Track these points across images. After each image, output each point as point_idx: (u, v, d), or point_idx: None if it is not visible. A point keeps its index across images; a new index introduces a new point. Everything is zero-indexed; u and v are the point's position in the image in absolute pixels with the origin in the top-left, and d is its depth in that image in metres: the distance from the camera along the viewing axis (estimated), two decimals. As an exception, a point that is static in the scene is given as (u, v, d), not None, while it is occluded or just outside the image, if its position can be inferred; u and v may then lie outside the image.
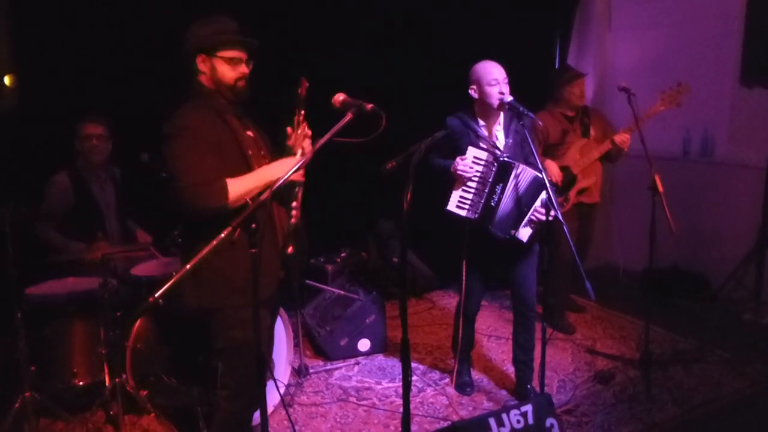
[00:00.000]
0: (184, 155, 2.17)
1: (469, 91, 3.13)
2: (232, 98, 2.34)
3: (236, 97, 2.34)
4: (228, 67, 2.30)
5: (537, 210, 2.99)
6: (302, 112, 2.34)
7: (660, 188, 3.33)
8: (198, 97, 2.32)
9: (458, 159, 3.02)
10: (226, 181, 2.18)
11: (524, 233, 3.05)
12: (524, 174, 3.00)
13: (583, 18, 5.63)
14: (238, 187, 2.20)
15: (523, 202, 3.01)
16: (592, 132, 4.16)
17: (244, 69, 2.34)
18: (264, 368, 2.00)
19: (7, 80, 3.91)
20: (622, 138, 3.88)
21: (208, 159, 2.18)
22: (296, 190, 2.34)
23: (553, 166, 3.95)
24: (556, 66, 5.51)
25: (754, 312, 4.35)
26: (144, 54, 3.99)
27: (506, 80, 3.05)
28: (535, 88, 4.18)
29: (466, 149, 3.03)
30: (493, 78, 3.03)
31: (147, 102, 3.93)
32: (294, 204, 2.35)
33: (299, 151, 2.32)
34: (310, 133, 2.37)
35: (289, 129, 2.35)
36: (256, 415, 2.72)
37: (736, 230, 4.67)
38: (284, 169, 2.16)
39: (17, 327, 2.87)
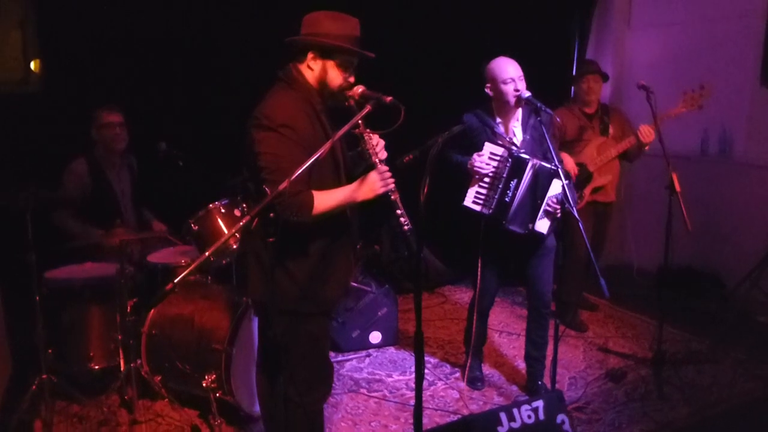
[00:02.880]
0: (279, 155, 2.04)
1: (485, 89, 3.11)
2: (330, 102, 2.24)
3: (335, 101, 2.23)
4: (338, 73, 2.19)
5: (550, 200, 2.98)
6: (361, 123, 2.14)
7: (677, 187, 3.30)
8: (295, 89, 2.19)
9: (475, 155, 3.02)
10: (313, 195, 2.07)
11: (542, 225, 3.04)
12: (539, 169, 2.98)
13: (602, 15, 5.58)
14: (321, 202, 2.09)
15: (537, 196, 3.00)
16: (611, 130, 4.12)
17: (351, 78, 2.22)
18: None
19: (33, 65, 3.95)
20: (647, 129, 3.74)
21: (302, 165, 1.96)
22: (391, 198, 2.17)
23: (568, 159, 3.92)
24: (574, 63, 5.48)
25: (768, 314, 4.32)
26: (162, 46, 4.03)
27: (522, 77, 3.02)
28: (553, 85, 4.15)
29: (483, 146, 3.03)
30: (509, 77, 2.99)
31: (163, 92, 3.99)
32: (398, 212, 2.17)
33: (377, 161, 2.17)
34: (380, 139, 2.23)
35: (363, 144, 2.20)
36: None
37: (752, 231, 4.62)
38: (368, 190, 2.12)
39: (35, 310, 2.91)
